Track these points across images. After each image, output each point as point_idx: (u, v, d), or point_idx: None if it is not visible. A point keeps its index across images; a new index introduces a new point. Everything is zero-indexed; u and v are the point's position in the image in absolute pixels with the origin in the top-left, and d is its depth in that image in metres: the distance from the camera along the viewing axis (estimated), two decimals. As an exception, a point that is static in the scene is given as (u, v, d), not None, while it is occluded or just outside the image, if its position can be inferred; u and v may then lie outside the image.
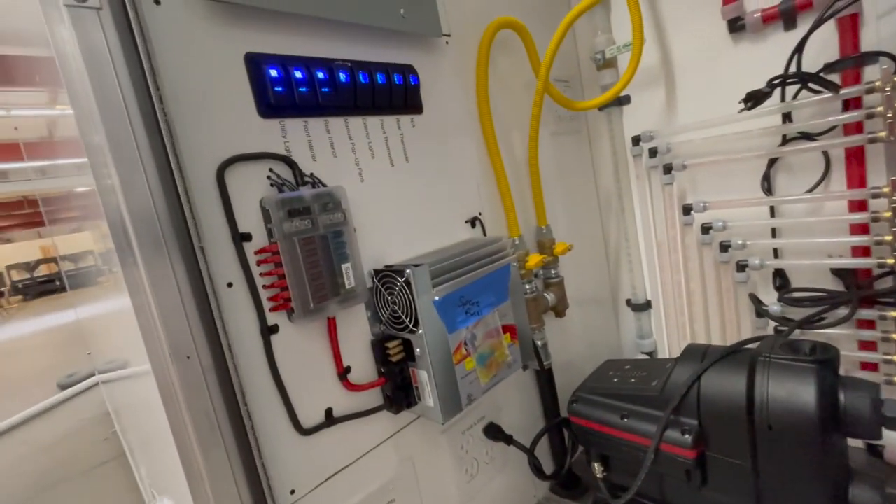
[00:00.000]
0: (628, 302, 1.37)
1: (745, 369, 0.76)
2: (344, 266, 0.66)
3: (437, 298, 0.71)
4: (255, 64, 0.62)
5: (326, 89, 0.68)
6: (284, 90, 0.64)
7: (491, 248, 0.83)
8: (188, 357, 0.51)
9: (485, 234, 0.96)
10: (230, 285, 0.59)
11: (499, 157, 0.99)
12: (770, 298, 1.06)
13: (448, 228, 0.89)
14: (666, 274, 1.22)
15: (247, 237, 0.61)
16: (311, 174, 0.68)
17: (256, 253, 0.62)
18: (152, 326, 0.49)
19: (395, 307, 0.72)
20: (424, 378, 0.72)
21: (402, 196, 0.81)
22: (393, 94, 0.78)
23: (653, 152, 1.16)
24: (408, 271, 0.68)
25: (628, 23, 1.07)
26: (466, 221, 0.93)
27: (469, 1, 0.97)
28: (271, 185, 0.63)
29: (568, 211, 1.24)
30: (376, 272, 0.74)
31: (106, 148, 0.47)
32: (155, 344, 0.49)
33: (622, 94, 1.11)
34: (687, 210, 1.11)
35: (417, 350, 0.71)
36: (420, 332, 0.69)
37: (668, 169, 1.12)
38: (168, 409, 0.50)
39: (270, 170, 0.63)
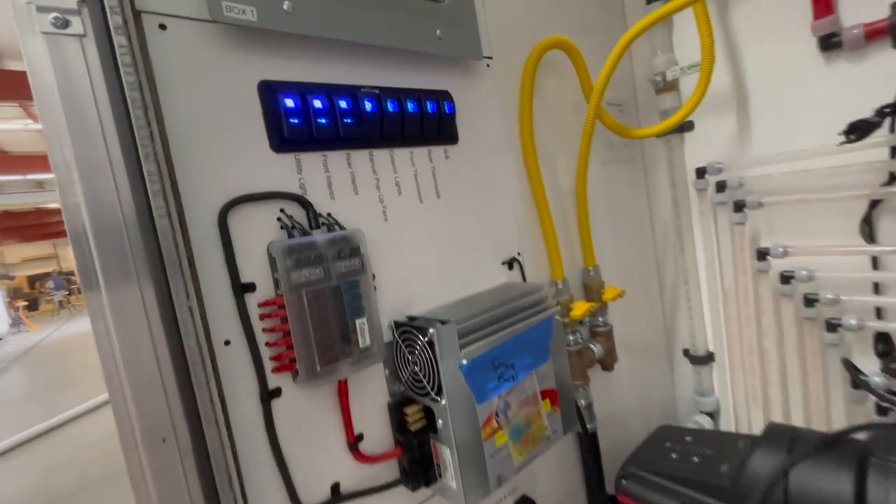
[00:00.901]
0: (686, 352, 1.21)
1: (852, 470, 0.61)
2: (358, 321, 0.58)
3: (464, 363, 0.60)
4: (270, 93, 0.55)
5: (349, 120, 0.61)
6: (301, 122, 0.57)
7: (530, 299, 0.72)
8: (164, 440, 0.43)
9: (524, 277, 0.85)
10: (227, 343, 0.52)
11: (542, 189, 0.88)
12: (870, 366, 0.87)
13: (482, 272, 0.79)
14: (733, 325, 1.06)
15: (250, 287, 0.54)
16: (328, 214, 0.60)
17: (260, 306, 0.54)
18: (122, 405, 0.42)
19: (416, 368, 0.62)
20: (447, 455, 0.61)
21: (430, 236, 0.72)
22: (425, 123, 0.70)
23: (720, 186, 1.01)
24: (431, 330, 0.59)
25: (693, 41, 0.95)
26: (503, 263, 0.83)
27: (514, 19, 0.88)
28: (281, 227, 0.56)
29: (619, 249, 1.10)
30: (397, 325, 0.65)
31: (82, 204, 0.41)
32: (125, 424, 0.42)
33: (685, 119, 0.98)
34: (762, 255, 0.96)
35: (440, 422, 0.61)
36: (443, 402, 0.59)
37: (739, 206, 0.97)
38: (138, 497, 0.42)
39: (281, 210, 0.56)
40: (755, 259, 0.97)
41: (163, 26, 0.49)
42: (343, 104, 0.60)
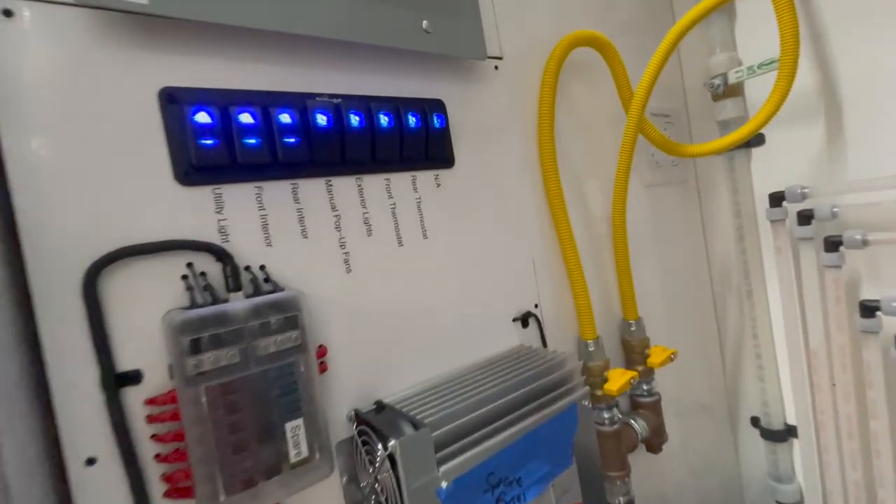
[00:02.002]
0: (755, 422, 0.96)
1: None
2: (291, 424, 0.40)
3: (444, 486, 0.42)
4: (175, 105, 0.40)
5: (293, 140, 0.45)
6: (219, 143, 0.41)
7: (549, 380, 0.52)
8: None
9: (542, 337, 0.66)
10: (91, 462, 0.36)
11: (567, 222, 0.69)
12: None
13: (485, 333, 0.61)
14: (824, 396, 0.81)
15: (132, 378, 0.38)
16: (262, 268, 0.44)
17: (148, 403, 0.38)
18: None
19: (378, 487, 0.44)
20: None
21: (413, 289, 0.54)
22: (406, 142, 0.53)
23: (805, 217, 0.78)
24: (393, 442, 0.40)
25: (764, 35, 0.75)
26: (515, 319, 0.64)
27: (533, 12, 0.71)
28: (187, 289, 0.40)
29: (667, 294, 0.88)
30: (357, 417, 0.47)
31: None
32: None
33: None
34: (869, 309, 0.71)
35: (408, 571, 0.42)
36: (411, 546, 0.41)
37: (833, 244, 0.73)
38: None
39: (189, 266, 0.40)
40: (857, 314, 0.73)
41: (7, 12, 0.35)
42: (285, 118, 0.44)
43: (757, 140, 0.88)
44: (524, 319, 0.65)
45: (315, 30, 0.45)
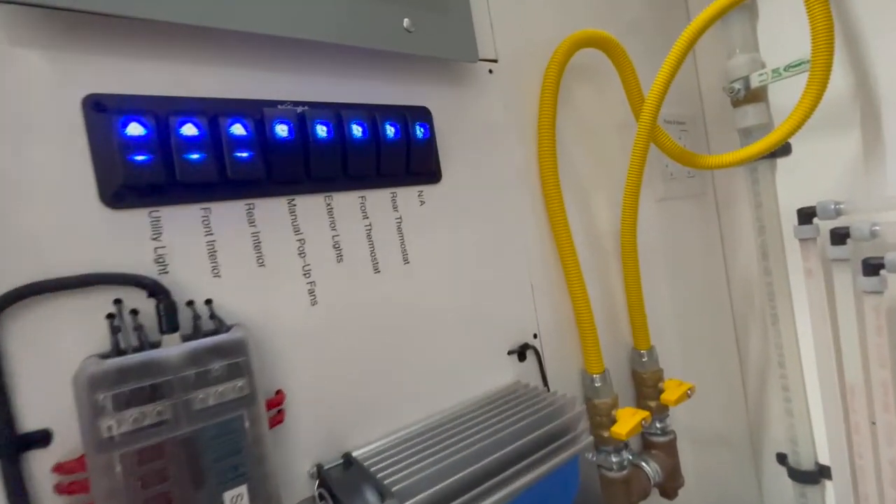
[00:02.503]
0: (782, 459, 0.87)
1: None
2: (232, 494, 0.34)
3: (414, 570, 0.35)
4: (103, 113, 0.34)
5: (246, 153, 0.38)
6: (155, 158, 0.35)
7: (546, 432, 0.45)
8: None
9: (542, 372, 0.59)
10: (-18, 544, 0.30)
11: (569, 241, 0.62)
12: None
13: (475, 369, 0.54)
14: (863, 437, 0.72)
15: (38, 440, 0.32)
16: (209, 302, 0.38)
17: (56, 470, 0.32)
18: None
19: (339, 565, 0.37)
20: None
21: (389, 321, 0.48)
22: (384, 154, 0.46)
23: (839, 236, 0.69)
24: (352, 519, 0.34)
25: (789, 34, 0.69)
26: (511, 352, 0.57)
27: (532, 12, 0.65)
28: (111, 331, 0.34)
29: (682, 318, 0.80)
30: (320, 474, 0.41)
31: None
32: None
33: (782, 141, 0.69)
34: (917, 342, 0.63)
35: None
36: None
37: (873, 268, 0.65)
38: None
39: (116, 303, 0.34)
40: (901, 346, 0.64)
41: None
42: (238, 129, 0.38)
43: (783, 150, 0.80)
44: (521, 352, 0.57)
45: (275, 28, 0.39)
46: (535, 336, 0.60)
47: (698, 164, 0.69)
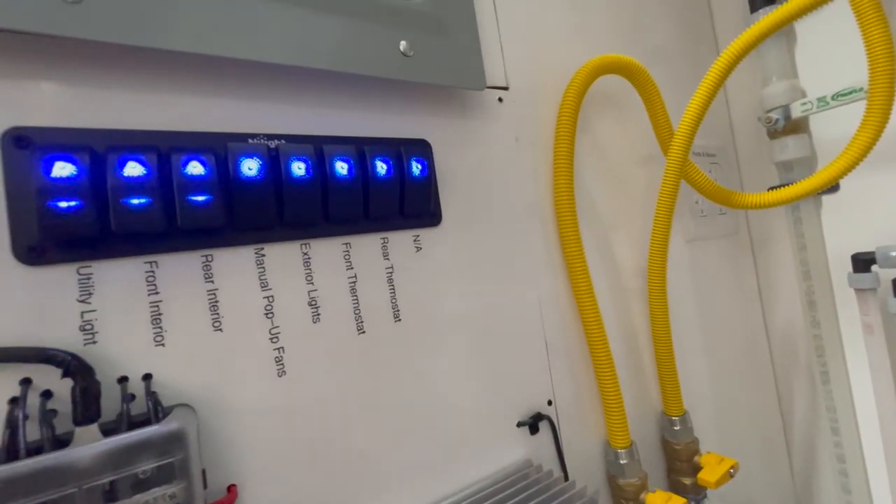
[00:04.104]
0: (837, 542, 0.75)
1: None
2: None
3: None
4: (25, 150, 0.28)
5: (203, 196, 0.32)
6: (86, 204, 0.29)
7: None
8: None
9: (559, 449, 0.50)
10: None
11: (590, 292, 0.53)
12: None
13: (478, 446, 0.45)
14: (941, 526, 0.60)
15: None
16: (147, 378, 0.31)
17: None
18: None
19: None
20: None
21: (373, 392, 0.40)
22: (373, 194, 0.40)
23: (906, 287, 0.60)
24: None
25: (832, 59, 0.62)
26: (521, 424, 0.48)
27: (546, 34, 0.59)
28: (7, 423, 0.27)
29: (716, 376, 0.71)
30: None
31: None
32: None
33: (832, 178, 0.60)
34: None
35: None
36: None
37: (951, 326, 0.55)
38: None
39: (23, 383, 0.27)
40: None
41: None
42: (195, 168, 0.32)
43: (831, 186, 0.72)
44: (534, 423, 0.49)
45: (248, 51, 0.34)
46: (549, 403, 0.51)
47: (737, 204, 0.61)
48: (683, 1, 0.79)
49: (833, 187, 0.72)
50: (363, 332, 0.40)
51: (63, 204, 0.28)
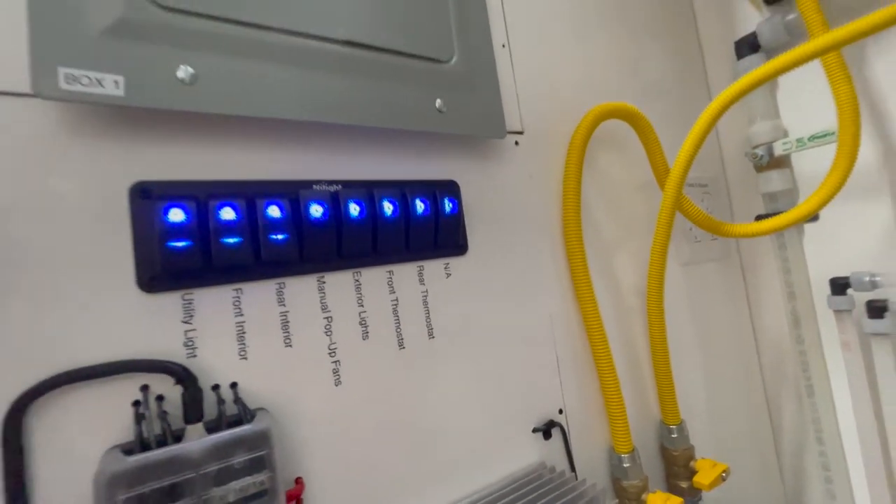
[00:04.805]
0: (825, 545, 0.80)
1: None
2: None
3: None
4: (147, 201, 0.35)
5: (281, 236, 0.39)
6: (193, 244, 0.36)
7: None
8: None
9: (569, 452, 0.56)
10: None
11: (595, 312, 0.60)
12: None
13: (500, 448, 0.52)
14: (916, 528, 0.66)
15: (54, 539, 0.30)
16: (234, 386, 0.37)
17: (70, 572, 0.30)
18: None
19: None
20: None
21: (414, 400, 0.47)
22: (413, 230, 0.47)
23: (878, 310, 0.67)
24: None
25: (811, 102, 0.69)
26: (535, 430, 0.55)
27: (558, 80, 0.66)
28: (135, 421, 0.33)
29: (711, 388, 0.77)
30: (338, 573, 0.38)
31: None
32: None
33: (810, 210, 0.68)
34: (971, 428, 0.59)
35: None
36: None
37: (917, 344, 0.62)
38: None
39: (143, 389, 0.34)
40: (953, 431, 0.60)
41: (-34, 107, 0.31)
42: (274, 211, 0.39)
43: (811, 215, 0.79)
44: (547, 430, 0.55)
45: (315, 115, 0.41)
46: (560, 412, 0.57)
47: (725, 233, 0.68)
48: (676, 41, 0.87)
49: (813, 217, 0.80)
50: (403, 348, 0.47)
51: (177, 244, 0.35)
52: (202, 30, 0.37)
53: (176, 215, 0.35)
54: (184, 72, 0.35)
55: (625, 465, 0.58)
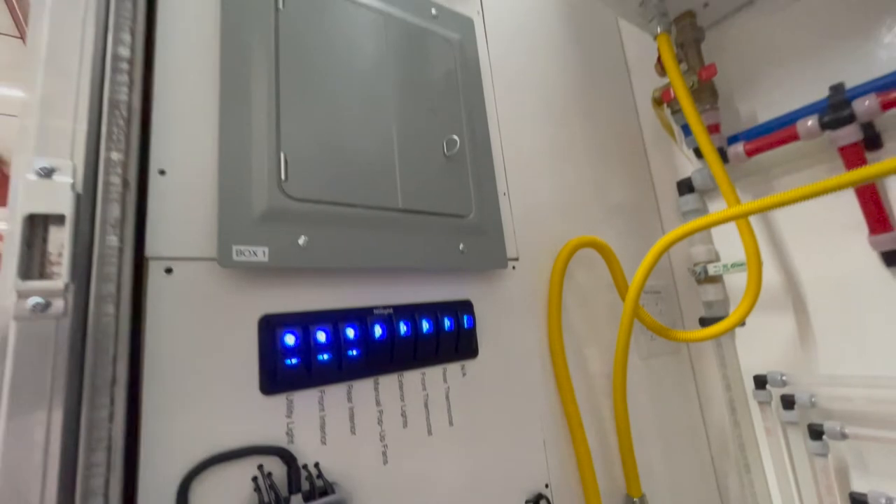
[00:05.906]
0: None
1: None
2: None
3: None
4: (270, 330, 0.51)
5: (356, 351, 0.55)
6: (300, 361, 0.51)
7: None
8: None
9: (552, 520, 0.69)
10: None
11: (573, 402, 0.76)
12: None
13: (500, 516, 0.65)
14: (833, 590, 0.80)
15: (198, 582, 0.43)
16: (316, 465, 0.51)
17: None
18: None
19: None
20: None
21: (437, 476, 0.60)
22: (441, 341, 0.63)
23: (788, 402, 0.86)
24: None
25: (734, 235, 0.90)
26: (528, 501, 0.68)
27: (543, 217, 0.87)
28: (255, 490, 0.46)
29: (669, 463, 0.92)
30: None
31: None
32: None
33: (735, 321, 0.88)
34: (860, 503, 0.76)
35: None
36: None
37: (817, 433, 0.80)
38: None
39: (260, 468, 0.47)
40: (850, 505, 0.77)
41: (169, 270, 0.47)
42: (350, 332, 0.55)
43: (738, 322, 1.00)
44: (536, 500, 0.69)
45: (380, 262, 0.58)
46: (546, 486, 0.71)
47: (672, 338, 0.87)
48: (632, 174, 1.11)
49: (741, 323, 1.01)
50: (431, 434, 0.61)
51: (289, 361, 0.50)
52: (314, 210, 0.55)
53: (289, 339, 0.51)
54: (303, 240, 0.53)
55: (598, 533, 0.72)
